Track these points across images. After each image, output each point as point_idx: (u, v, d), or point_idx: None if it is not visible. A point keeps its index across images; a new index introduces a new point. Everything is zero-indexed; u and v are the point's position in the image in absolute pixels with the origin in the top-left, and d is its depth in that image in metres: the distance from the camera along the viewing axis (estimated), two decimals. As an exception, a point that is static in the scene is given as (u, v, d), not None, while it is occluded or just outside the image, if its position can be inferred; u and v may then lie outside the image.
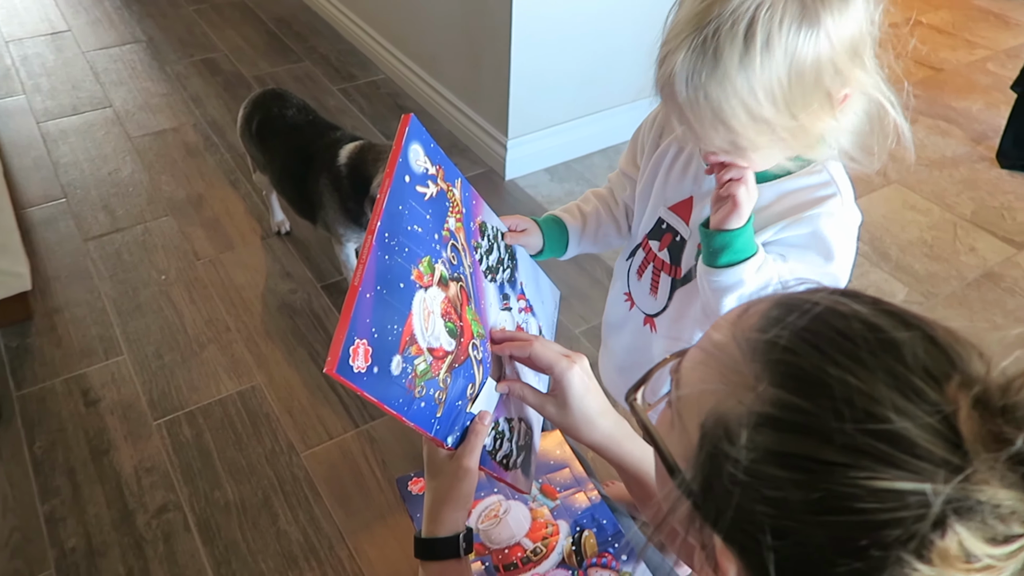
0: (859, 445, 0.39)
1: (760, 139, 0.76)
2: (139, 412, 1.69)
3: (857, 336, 0.42)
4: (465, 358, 0.77)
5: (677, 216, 0.98)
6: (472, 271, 0.82)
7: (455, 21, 2.40)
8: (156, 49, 3.05)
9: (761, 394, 0.43)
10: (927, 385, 0.40)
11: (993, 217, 2.30)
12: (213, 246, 2.13)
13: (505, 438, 0.85)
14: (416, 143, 0.75)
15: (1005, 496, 0.37)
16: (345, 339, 0.62)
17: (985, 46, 3.21)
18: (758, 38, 0.70)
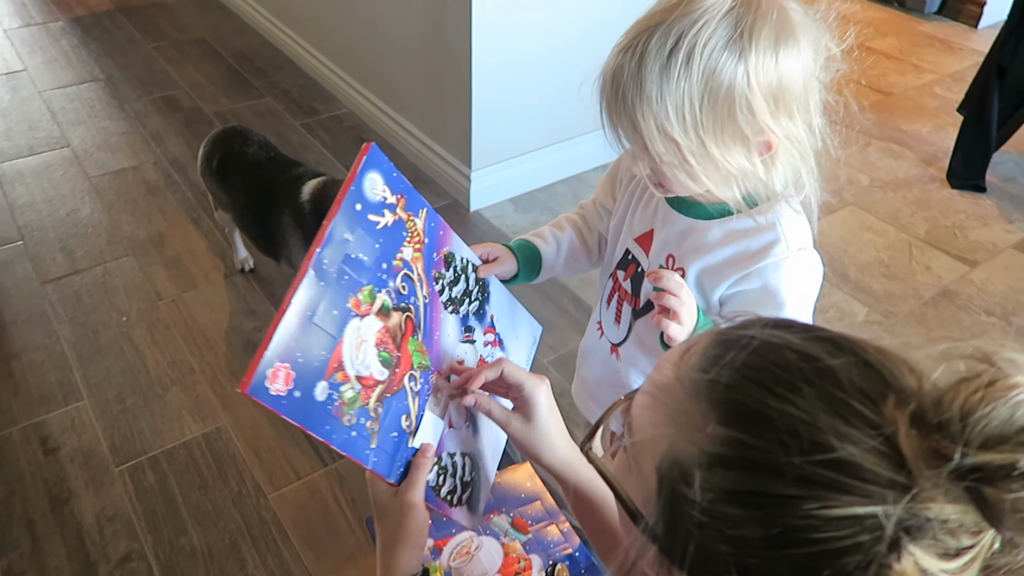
0: (809, 476, 0.39)
1: (668, 156, 0.77)
2: (100, 459, 1.65)
3: (793, 367, 0.43)
4: (398, 388, 0.77)
5: (640, 248, 1.00)
6: (428, 302, 0.82)
7: (416, 55, 2.42)
8: (115, 87, 3.02)
9: (710, 434, 0.43)
10: (865, 408, 0.40)
11: (946, 236, 2.36)
12: (175, 285, 2.10)
13: (448, 473, 0.84)
14: (375, 172, 0.75)
15: (952, 511, 0.37)
16: (263, 361, 0.63)
17: (932, 70, 3.31)
18: (681, 53, 0.72)
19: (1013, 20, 2.38)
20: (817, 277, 0.87)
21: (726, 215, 0.88)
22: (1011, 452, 0.37)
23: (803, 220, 0.87)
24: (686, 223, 0.92)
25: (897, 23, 3.75)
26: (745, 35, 0.72)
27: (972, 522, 0.38)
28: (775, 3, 0.74)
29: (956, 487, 0.38)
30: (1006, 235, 2.36)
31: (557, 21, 2.22)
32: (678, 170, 0.78)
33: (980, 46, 3.38)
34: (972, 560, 0.38)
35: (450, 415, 0.85)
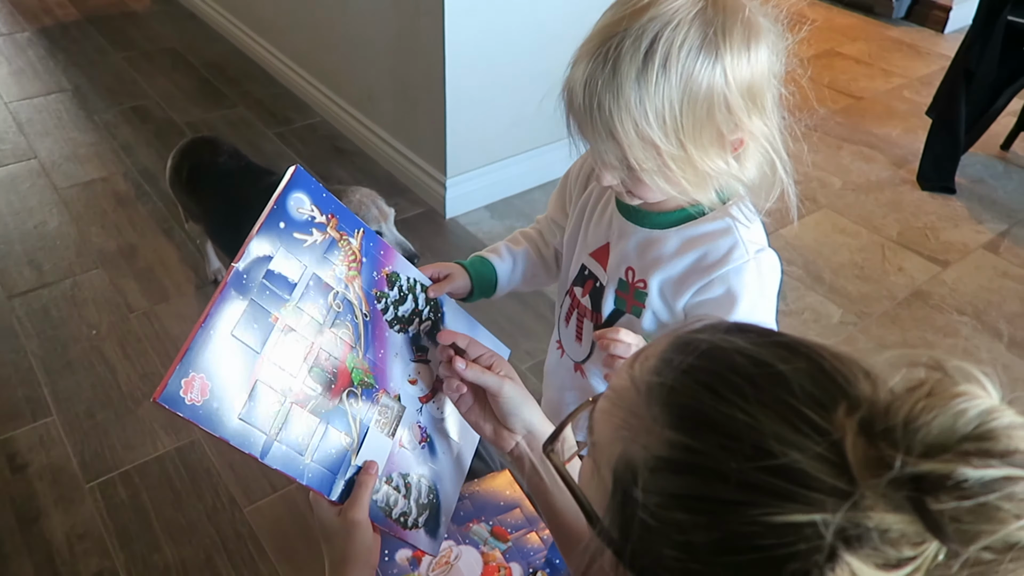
0: (753, 482, 0.39)
1: (647, 162, 0.76)
2: (70, 475, 1.62)
3: (743, 371, 0.43)
4: (335, 405, 0.78)
5: (597, 262, 0.98)
6: (368, 320, 0.83)
7: (389, 63, 2.41)
8: (83, 98, 2.98)
9: (660, 437, 0.43)
10: (815, 414, 0.40)
11: (918, 237, 2.39)
12: (147, 298, 2.07)
13: (401, 494, 0.84)
14: (301, 192, 0.78)
15: (893, 520, 0.37)
16: (177, 370, 0.65)
17: (900, 74, 3.36)
18: (657, 57, 0.71)
19: (978, 24, 2.42)
20: (777, 276, 0.87)
21: (681, 223, 0.88)
22: (951, 461, 0.36)
23: (756, 223, 0.87)
24: (643, 234, 0.91)
25: (866, 29, 3.80)
26: (719, 35, 0.72)
27: (914, 532, 0.37)
28: (739, 3, 0.74)
29: (898, 496, 0.37)
30: (976, 235, 2.40)
31: (531, 27, 2.23)
32: (657, 175, 0.77)
33: (947, 50, 3.44)
34: (914, 572, 0.37)
35: (401, 434, 0.85)
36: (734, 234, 0.84)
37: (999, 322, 2.07)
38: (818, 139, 2.84)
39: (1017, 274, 2.24)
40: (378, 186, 2.52)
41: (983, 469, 0.35)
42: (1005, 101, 2.57)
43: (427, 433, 0.90)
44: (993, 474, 0.35)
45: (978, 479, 0.35)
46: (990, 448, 0.36)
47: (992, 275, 2.23)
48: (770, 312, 0.87)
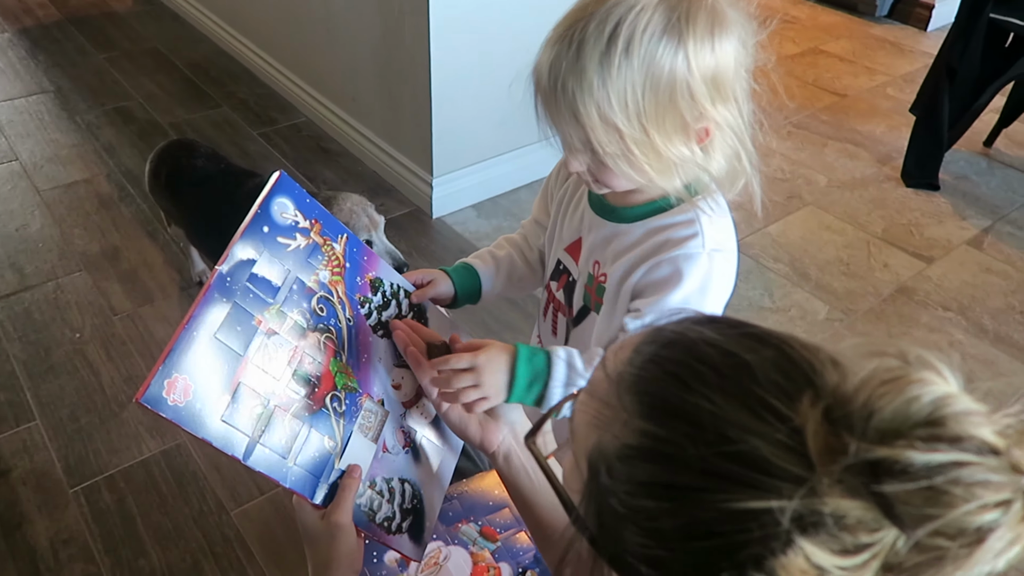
0: (715, 469, 0.40)
1: (610, 146, 0.76)
2: (54, 480, 1.60)
3: (711, 361, 0.43)
4: (318, 408, 0.78)
5: (570, 257, 0.99)
6: (352, 324, 0.83)
7: (374, 62, 2.40)
8: (65, 99, 2.95)
9: (630, 427, 0.44)
10: (779, 402, 0.40)
11: (903, 234, 2.40)
12: (131, 300, 2.05)
13: (385, 499, 0.84)
14: (284, 197, 0.79)
15: (849, 506, 0.37)
16: (160, 371, 0.65)
17: (884, 72, 3.38)
18: (620, 41, 0.72)
19: (960, 22, 2.44)
20: (725, 283, 0.86)
21: (648, 216, 0.87)
22: (902, 446, 0.37)
23: (724, 221, 0.86)
24: (610, 228, 0.91)
25: (849, 27, 3.82)
26: (682, 21, 0.72)
27: (871, 519, 0.37)
28: None
29: (854, 482, 0.37)
30: (960, 231, 2.41)
31: (516, 26, 2.22)
32: (620, 160, 0.78)
33: (930, 48, 3.46)
34: (871, 558, 0.37)
35: (384, 439, 0.86)
36: (696, 226, 0.84)
37: (983, 317, 2.08)
38: (803, 137, 2.85)
39: (1001, 269, 2.26)
40: (364, 186, 2.51)
41: (930, 453, 0.36)
42: (988, 98, 2.59)
43: (411, 438, 0.90)
44: (940, 459, 0.36)
45: (924, 463, 0.36)
46: (940, 433, 0.37)
47: (976, 271, 2.25)
48: (711, 304, 0.85)
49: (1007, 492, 0.36)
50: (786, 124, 2.93)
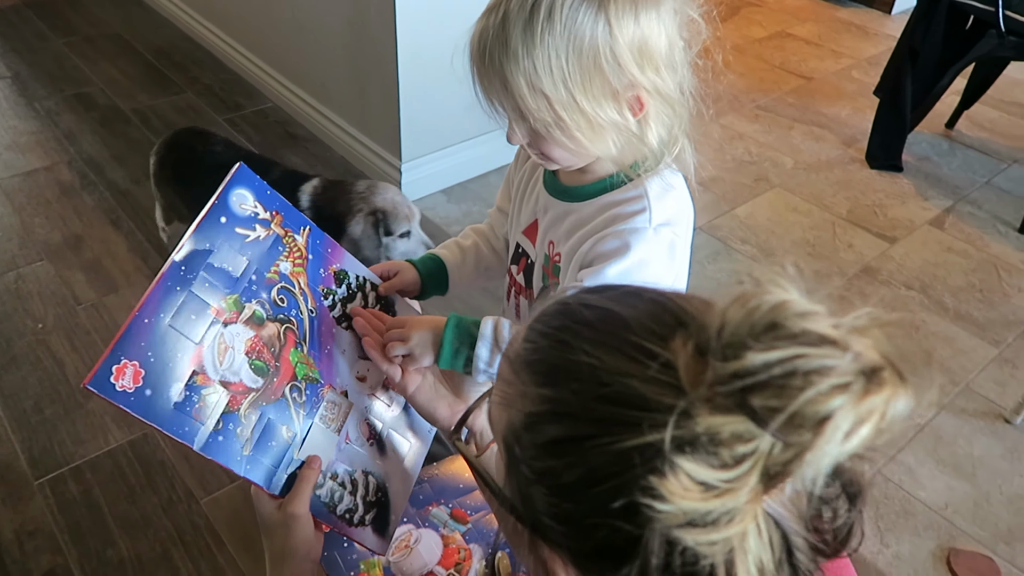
0: (601, 415, 0.42)
1: (541, 113, 0.77)
2: (18, 472, 1.57)
3: (587, 321, 0.47)
4: (277, 398, 0.78)
5: (528, 239, 1.00)
6: (314, 316, 0.84)
7: (340, 46, 2.37)
8: (23, 85, 2.88)
9: (528, 396, 0.47)
10: (653, 344, 0.43)
11: (867, 215, 2.44)
12: (95, 290, 2.02)
13: (347, 491, 0.84)
14: (243, 188, 0.79)
15: (721, 422, 0.39)
16: (109, 356, 0.66)
17: (849, 55, 3.42)
18: (542, 9, 0.73)
19: (922, 5, 2.47)
20: (675, 257, 0.86)
21: (600, 195, 0.88)
22: (748, 353, 0.39)
23: (675, 195, 0.87)
24: (563, 207, 0.92)
25: (815, 10, 3.85)
26: None
27: (744, 431, 0.39)
28: None
29: (721, 400, 0.39)
30: (922, 212, 2.46)
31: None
32: (552, 128, 0.78)
33: (894, 31, 3.49)
34: (751, 467, 0.39)
35: (347, 431, 0.86)
36: (644, 201, 0.84)
37: (944, 295, 2.12)
38: (770, 120, 2.88)
39: (961, 249, 2.30)
40: (333, 172, 2.49)
41: (769, 352, 0.38)
42: (949, 80, 2.63)
43: (376, 430, 0.90)
44: (778, 355, 0.38)
45: (764, 362, 0.38)
46: (779, 334, 0.39)
47: (937, 250, 2.29)
48: (657, 279, 0.85)
49: (846, 376, 0.38)
50: (753, 107, 2.95)
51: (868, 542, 1.52)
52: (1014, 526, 1.55)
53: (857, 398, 0.38)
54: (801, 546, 0.44)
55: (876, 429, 0.39)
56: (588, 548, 0.45)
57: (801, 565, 0.45)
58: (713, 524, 0.39)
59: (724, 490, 0.39)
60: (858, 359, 0.39)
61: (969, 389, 1.85)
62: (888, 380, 0.39)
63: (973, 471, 1.66)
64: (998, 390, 1.84)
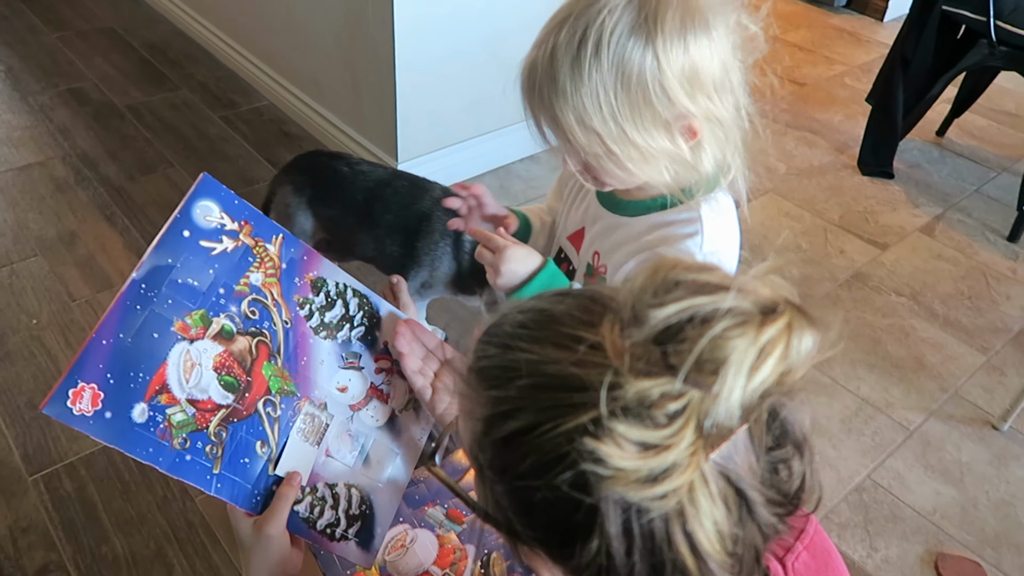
0: (543, 403, 0.44)
1: (591, 147, 0.77)
2: (12, 468, 1.57)
3: (521, 322, 0.49)
4: (250, 414, 0.77)
5: (572, 246, 1.00)
6: (289, 327, 0.82)
7: (337, 45, 2.37)
8: (16, 79, 2.87)
9: (480, 401, 0.49)
10: (582, 331, 0.45)
11: (858, 221, 2.46)
12: (89, 286, 2.01)
13: (327, 505, 0.83)
14: (208, 200, 0.76)
15: (648, 385, 0.41)
16: (64, 381, 0.65)
17: (842, 62, 3.45)
18: (590, 45, 0.73)
19: (914, 14, 2.49)
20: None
21: (652, 211, 0.89)
22: (653, 311, 0.42)
23: (726, 223, 0.87)
24: (613, 220, 0.93)
25: (808, 16, 3.88)
26: (649, 20, 0.73)
27: (670, 389, 0.41)
28: None
29: (643, 364, 0.42)
30: (913, 219, 2.48)
31: (481, 9, 2.22)
32: (604, 160, 0.79)
33: (886, 38, 3.53)
34: (684, 422, 0.41)
35: (328, 444, 0.84)
36: (698, 225, 0.85)
37: (934, 302, 2.15)
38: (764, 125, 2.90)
39: (951, 256, 2.33)
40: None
41: (667, 307, 0.41)
42: (940, 88, 2.65)
43: (359, 442, 0.88)
44: (675, 308, 0.41)
45: (664, 317, 0.41)
46: (678, 289, 0.42)
47: (927, 257, 2.32)
48: None
49: (740, 316, 0.41)
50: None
51: (857, 546, 1.54)
52: (1001, 531, 1.57)
53: (754, 333, 0.40)
54: (759, 501, 0.46)
55: (782, 362, 0.41)
56: (555, 534, 0.47)
57: (761, 519, 0.46)
58: (657, 480, 0.40)
59: (662, 447, 0.40)
60: (752, 299, 0.42)
61: (958, 395, 1.87)
62: (786, 314, 0.41)
63: (961, 477, 1.68)
64: (986, 396, 1.87)
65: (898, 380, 1.90)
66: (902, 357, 1.97)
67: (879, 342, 2.01)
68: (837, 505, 1.61)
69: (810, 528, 0.66)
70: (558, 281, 0.89)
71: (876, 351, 1.98)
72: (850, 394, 1.86)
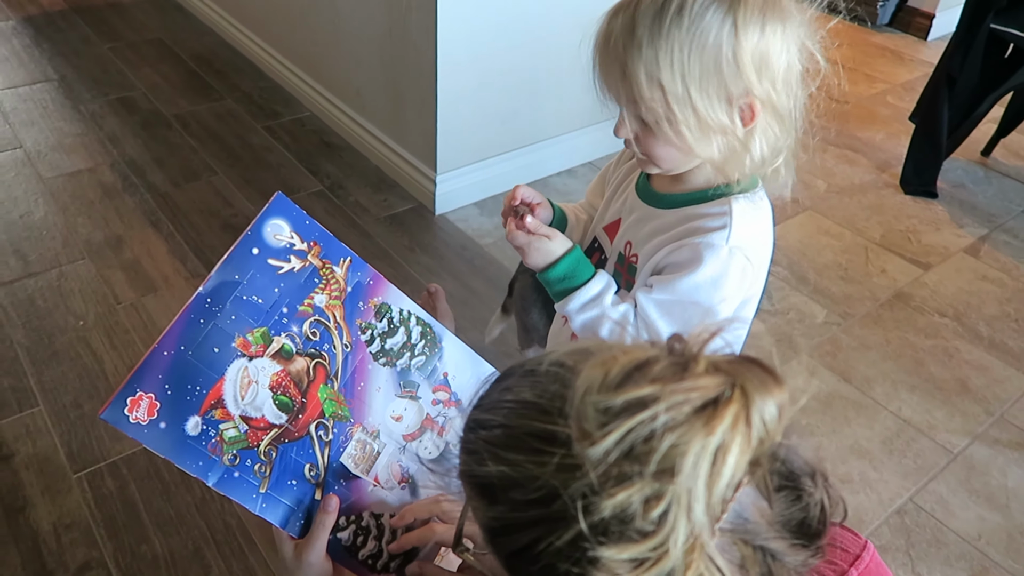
0: (533, 519, 0.43)
1: (653, 103, 0.79)
2: (57, 465, 1.61)
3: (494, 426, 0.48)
4: (301, 435, 0.77)
5: (606, 235, 1.03)
6: (349, 351, 0.81)
7: (379, 57, 2.41)
8: (69, 88, 2.95)
9: (479, 512, 0.49)
10: (543, 445, 0.43)
11: (900, 240, 2.43)
12: (134, 289, 2.06)
13: (371, 535, 0.82)
14: (280, 219, 0.77)
15: (622, 497, 0.39)
16: (124, 388, 0.66)
17: (884, 80, 3.41)
18: (673, 4, 0.76)
19: (961, 31, 2.46)
20: (745, 284, 0.88)
21: (686, 205, 0.90)
22: (593, 448, 0.40)
23: (758, 222, 0.88)
24: (647, 211, 0.95)
25: (849, 34, 3.85)
26: (743, 2, 0.76)
27: (649, 491, 0.39)
28: None
29: (605, 479, 0.40)
30: (957, 239, 2.44)
31: (522, 25, 2.24)
32: (662, 121, 0.80)
33: (930, 57, 3.49)
34: (675, 519, 0.39)
35: (377, 472, 0.83)
36: (727, 219, 0.86)
37: (979, 324, 2.11)
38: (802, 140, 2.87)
39: (996, 277, 2.28)
40: (367, 182, 2.53)
41: (605, 440, 0.39)
42: (987, 108, 2.61)
43: (408, 473, 0.86)
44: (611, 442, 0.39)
45: (605, 451, 0.39)
46: (608, 413, 0.40)
47: (972, 278, 2.28)
48: (713, 303, 0.87)
49: (679, 427, 0.39)
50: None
51: (899, 571, 1.50)
52: (1048, 559, 1.53)
53: (701, 441, 0.38)
54: (781, 548, 0.45)
55: (746, 449, 0.39)
56: None
57: (790, 563, 0.45)
58: None
59: (655, 558, 0.39)
60: (688, 399, 0.39)
61: (1003, 419, 1.83)
62: (733, 398, 0.39)
63: (1007, 502, 1.64)
64: (1032, 421, 1.82)
65: (941, 402, 1.87)
66: (945, 379, 1.93)
67: (922, 363, 1.97)
68: (878, 528, 1.58)
69: (866, 556, 0.65)
70: (583, 266, 0.92)
71: (919, 372, 1.95)
72: (891, 415, 1.83)
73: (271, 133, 2.77)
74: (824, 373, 1.92)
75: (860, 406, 1.85)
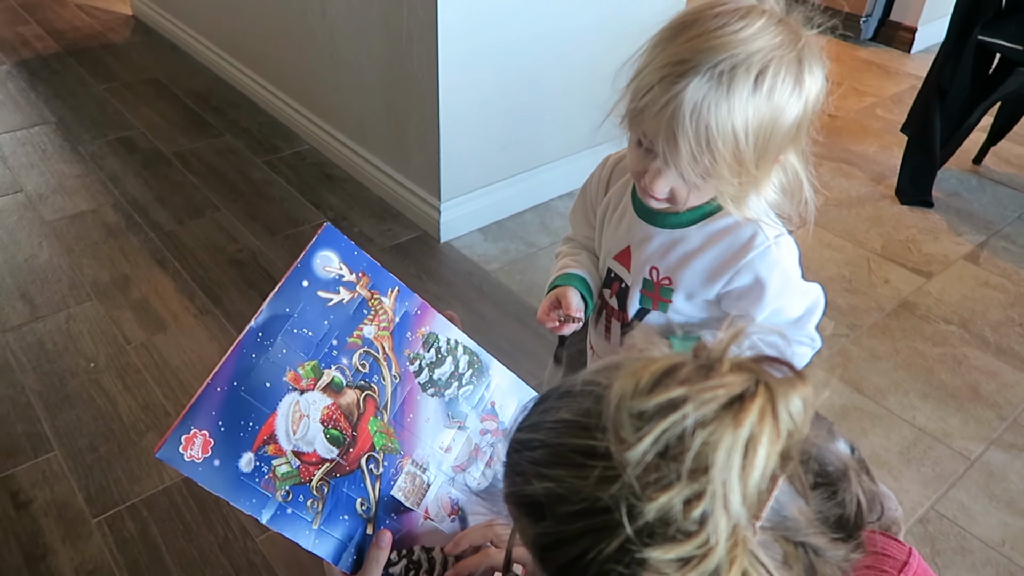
0: (579, 531, 0.44)
1: (728, 175, 0.81)
2: (76, 510, 1.59)
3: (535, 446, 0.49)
4: (352, 469, 0.76)
5: (621, 265, 1.04)
6: (398, 382, 0.81)
7: (380, 89, 2.43)
8: (67, 130, 2.96)
9: (527, 532, 0.50)
10: (587, 459, 0.45)
11: (901, 250, 2.45)
12: (144, 329, 2.05)
13: (423, 570, 0.81)
14: (328, 250, 0.76)
15: (664, 500, 0.40)
16: (178, 426, 0.66)
17: (872, 93, 3.46)
18: (766, 84, 0.77)
19: (949, 44, 2.51)
20: (795, 254, 0.95)
21: (699, 220, 0.93)
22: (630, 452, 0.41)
23: (762, 207, 0.93)
24: (664, 235, 0.96)
25: (835, 50, 3.90)
26: (805, 69, 0.80)
27: (688, 492, 0.40)
28: (807, 35, 0.82)
29: (646, 483, 0.41)
30: (956, 247, 2.47)
31: (524, 49, 2.27)
32: (708, 178, 0.83)
33: (914, 70, 3.55)
34: (717, 520, 0.40)
35: (427, 506, 0.82)
36: (754, 225, 0.91)
37: (985, 330, 2.13)
38: (800, 157, 2.91)
39: (998, 283, 2.31)
40: (370, 212, 2.54)
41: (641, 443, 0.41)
42: (977, 117, 2.66)
43: (458, 505, 0.86)
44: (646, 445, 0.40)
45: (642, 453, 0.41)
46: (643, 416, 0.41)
47: (974, 285, 2.30)
48: (796, 288, 0.96)
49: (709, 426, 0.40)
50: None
51: (926, 579, 1.51)
52: (1073, 562, 1.54)
53: (731, 435, 0.40)
54: (822, 544, 0.46)
55: (775, 442, 0.41)
56: None
57: (832, 557, 0.47)
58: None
59: (701, 555, 0.40)
60: (715, 397, 0.40)
61: (1016, 424, 1.84)
62: (759, 393, 0.41)
63: (1027, 507, 1.65)
64: (1046, 425, 1.84)
65: (955, 409, 1.88)
66: (957, 386, 1.95)
67: (932, 371, 1.99)
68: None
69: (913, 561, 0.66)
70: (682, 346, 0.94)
71: (930, 380, 1.96)
72: (907, 424, 1.84)
73: (272, 167, 2.78)
74: (837, 385, 1.93)
75: (875, 416, 1.86)
